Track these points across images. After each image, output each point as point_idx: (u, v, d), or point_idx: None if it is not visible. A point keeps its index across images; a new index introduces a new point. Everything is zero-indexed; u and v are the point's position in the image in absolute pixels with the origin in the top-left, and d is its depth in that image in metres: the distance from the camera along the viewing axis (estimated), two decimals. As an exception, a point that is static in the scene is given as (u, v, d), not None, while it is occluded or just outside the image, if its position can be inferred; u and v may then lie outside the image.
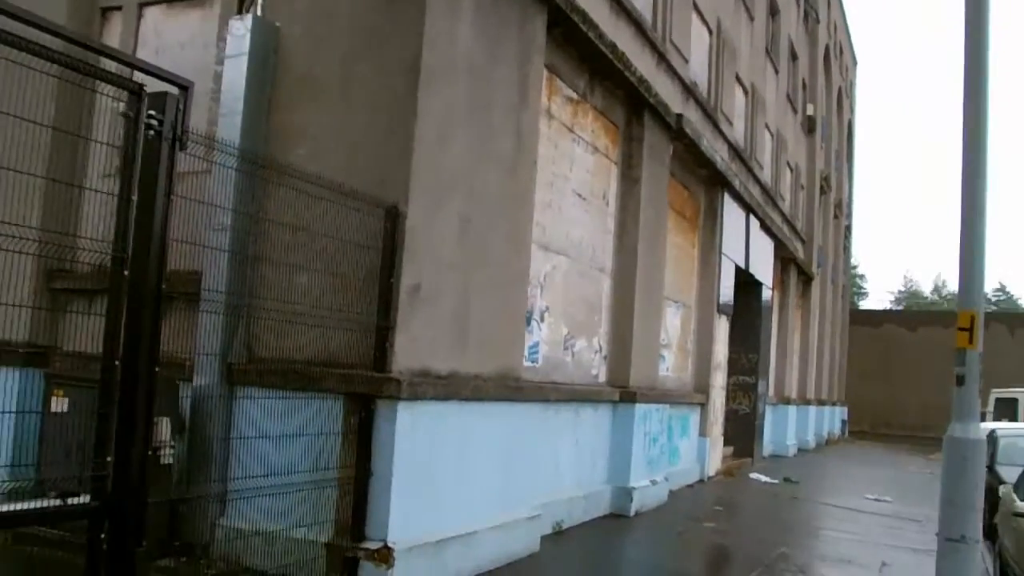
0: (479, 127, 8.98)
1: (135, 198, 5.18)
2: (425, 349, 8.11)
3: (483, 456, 8.85)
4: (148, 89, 5.25)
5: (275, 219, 7.34)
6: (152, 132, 5.28)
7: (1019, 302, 79.48)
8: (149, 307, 5.25)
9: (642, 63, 14.03)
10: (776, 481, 19.94)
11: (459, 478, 8.40)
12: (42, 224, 6.73)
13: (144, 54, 9.22)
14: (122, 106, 5.22)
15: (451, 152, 8.45)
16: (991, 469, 15.47)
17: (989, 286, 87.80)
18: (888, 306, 76.56)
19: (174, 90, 5.40)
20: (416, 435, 7.70)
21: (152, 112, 5.27)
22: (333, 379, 7.55)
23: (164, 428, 7.40)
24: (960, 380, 7.11)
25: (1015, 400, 29.23)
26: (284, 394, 7.51)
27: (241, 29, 8.22)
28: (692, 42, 17.85)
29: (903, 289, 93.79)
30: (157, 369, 5.30)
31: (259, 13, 8.49)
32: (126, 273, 5.13)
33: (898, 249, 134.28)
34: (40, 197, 7.31)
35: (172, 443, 7.46)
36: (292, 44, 8.43)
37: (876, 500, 18.37)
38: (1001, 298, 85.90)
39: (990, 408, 29.80)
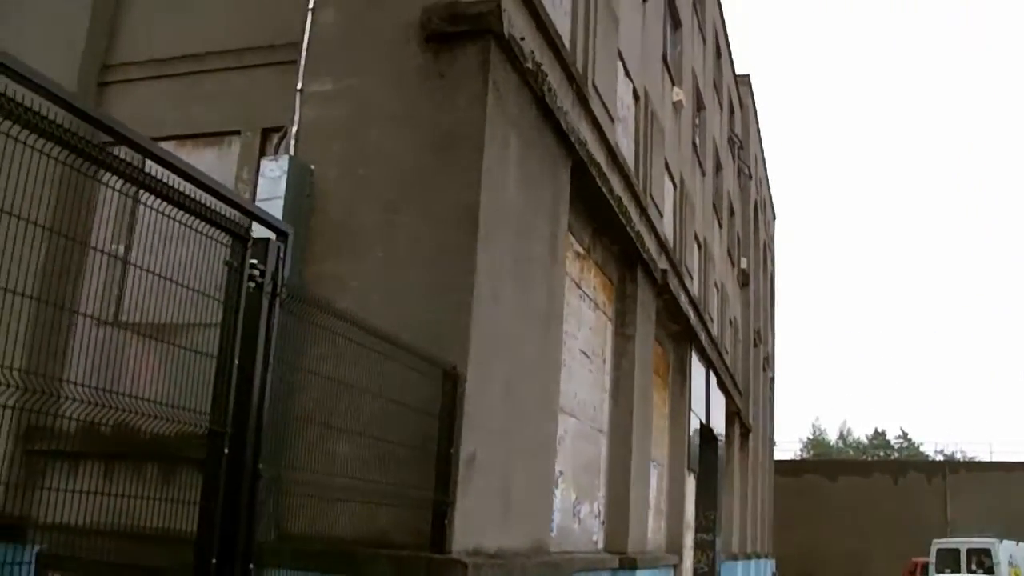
0: (522, 282, 8.41)
1: (237, 361, 4.39)
2: (478, 525, 7.27)
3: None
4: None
5: (320, 372, 6.45)
6: (253, 284, 4.55)
7: (921, 447, 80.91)
8: (246, 493, 4.39)
9: (633, 217, 13.76)
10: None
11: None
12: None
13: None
14: (227, 253, 4.48)
15: (502, 310, 7.81)
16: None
17: (892, 433, 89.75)
18: (798, 454, 76.83)
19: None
20: (477, 628, 6.77)
21: (255, 262, 4.55)
22: (383, 562, 6.60)
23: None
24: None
25: (957, 551, 29.03)
26: (324, 581, 6.53)
27: (276, 171, 7.54)
28: (664, 197, 17.80)
29: (811, 437, 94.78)
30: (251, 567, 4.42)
31: (292, 153, 7.85)
32: (227, 451, 4.29)
33: (802, 397, 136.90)
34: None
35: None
36: (328, 188, 7.75)
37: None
38: (904, 444, 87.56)
39: (932, 560, 29.56)
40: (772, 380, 46.18)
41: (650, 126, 16.35)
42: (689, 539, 18.85)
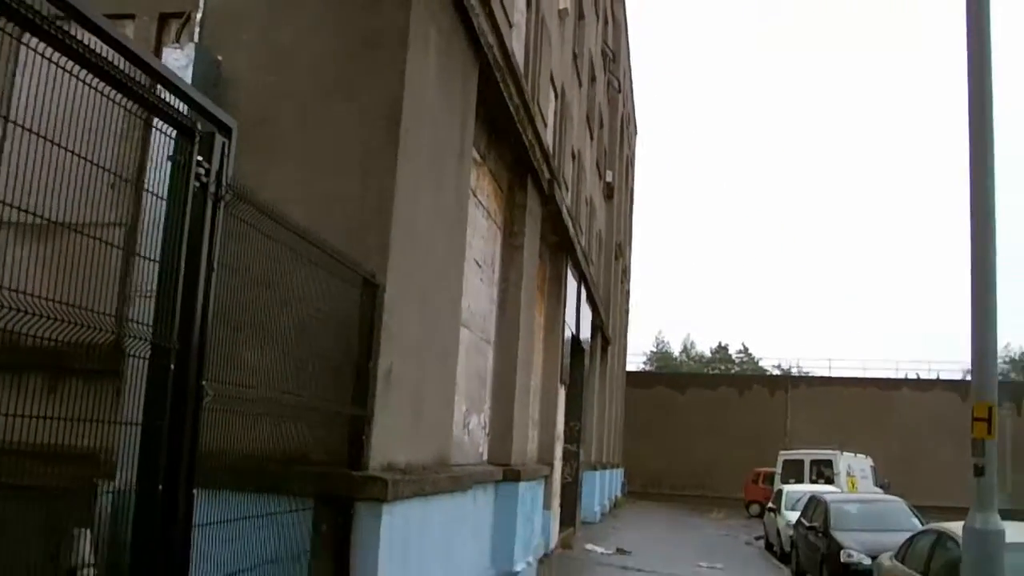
0: (435, 187, 8.07)
1: (183, 269, 3.98)
2: (392, 440, 7.03)
3: (433, 560, 7.82)
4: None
5: (256, 280, 5.99)
6: (198, 184, 4.12)
7: (761, 363, 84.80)
8: (191, 414, 4.03)
9: (527, 125, 13.48)
10: (611, 552, 19.67)
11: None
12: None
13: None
14: (170, 146, 4.02)
15: (419, 216, 7.49)
16: (826, 533, 15.92)
17: (734, 348, 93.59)
18: (642, 367, 79.34)
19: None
20: (394, 545, 6.60)
21: (200, 159, 4.11)
22: (301, 479, 6.28)
23: (84, 544, 5.90)
24: (979, 471, 6.90)
25: (801, 461, 30.64)
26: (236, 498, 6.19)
27: (182, 59, 6.90)
28: (548, 107, 17.56)
29: (655, 350, 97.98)
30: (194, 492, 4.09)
31: (196, 41, 7.23)
32: (172, 368, 3.90)
33: (648, 310, 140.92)
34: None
35: (93, 562, 5.97)
36: (239, 81, 7.18)
37: (710, 568, 18.46)
38: (744, 359, 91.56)
39: (778, 470, 31.13)
40: (628, 293, 47.23)
41: (540, 34, 16.01)
42: (559, 450, 19.14)
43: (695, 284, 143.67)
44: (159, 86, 3.83)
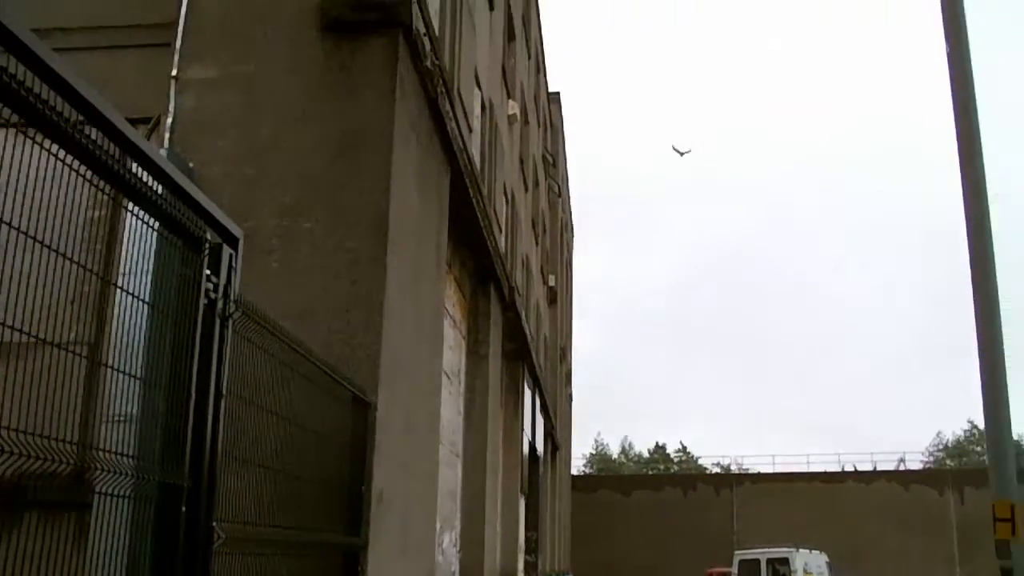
0: (417, 297, 7.72)
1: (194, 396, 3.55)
2: (383, 566, 6.51)
3: None
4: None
5: (259, 403, 5.51)
6: (206, 301, 3.72)
7: (700, 461, 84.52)
8: (201, 561, 3.55)
9: (491, 232, 13.28)
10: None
11: None
12: None
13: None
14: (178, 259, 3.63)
15: (403, 328, 7.10)
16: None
17: (672, 447, 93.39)
18: (583, 469, 78.57)
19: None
20: None
21: (208, 273, 3.72)
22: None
23: None
24: (1007, 574, 6.58)
25: (757, 561, 30.13)
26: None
27: (153, 167, 6.52)
28: (501, 212, 17.43)
29: (594, 452, 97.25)
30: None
31: (166, 147, 6.85)
32: (184, 510, 3.43)
33: (584, 411, 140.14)
34: None
35: None
36: (212, 190, 6.77)
37: None
38: (684, 458, 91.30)
39: (734, 570, 30.56)
40: (571, 396, 46.88)
41: (494, 139, 15.94)
42: (520, 562, 18.47)
43: (632, 384, 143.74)
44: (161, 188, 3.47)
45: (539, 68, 27.74)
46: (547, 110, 32.38)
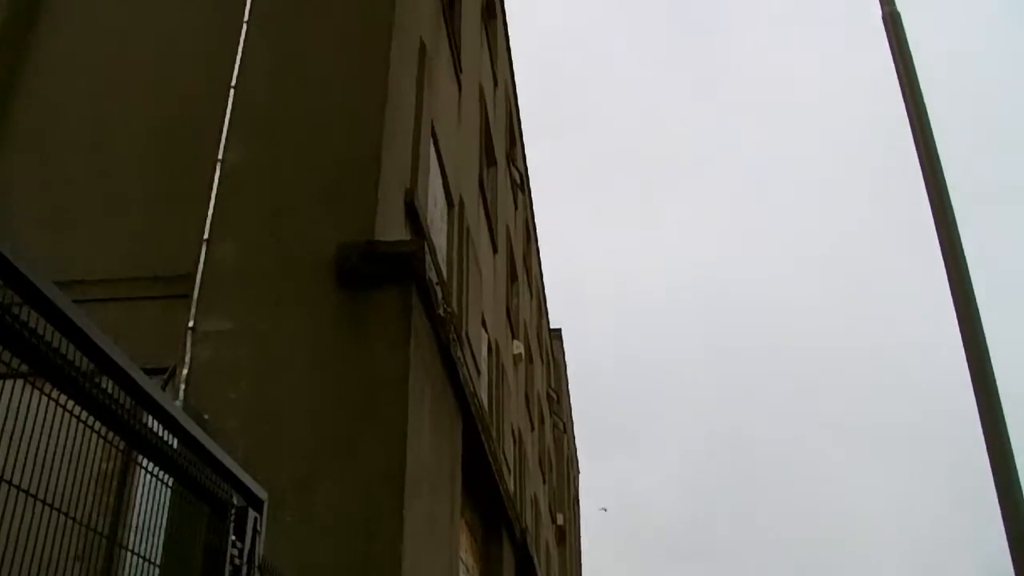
0: (431, 551, 7.42)
1: None
2: None
3: None
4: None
5: None
6: (231, 568, 3.53)
7: None
8: None
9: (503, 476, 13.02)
10: None
11: None
12: None
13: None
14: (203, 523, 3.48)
15: (420, 583, 6.79)
16: None
17: None
18: None
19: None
20: None
21: (234, 538, 3.56)
22: None
23: None
24: None
25: None
26: None
27: (166, 423, 6.43)
28: (508, 452, 17.19)
29: None
30: None
31: (182, 399, 6.78)
32: None
33: None
34: None
35: None
36: (227, 442, 6.65)
37: None
38: None
39: None
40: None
41: (501, 380, 15.95)
42: None
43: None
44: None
45: (540, 306, 28.20)
46: (549, 347, 32.66)
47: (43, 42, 8.76)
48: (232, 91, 7.96)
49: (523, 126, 22.70)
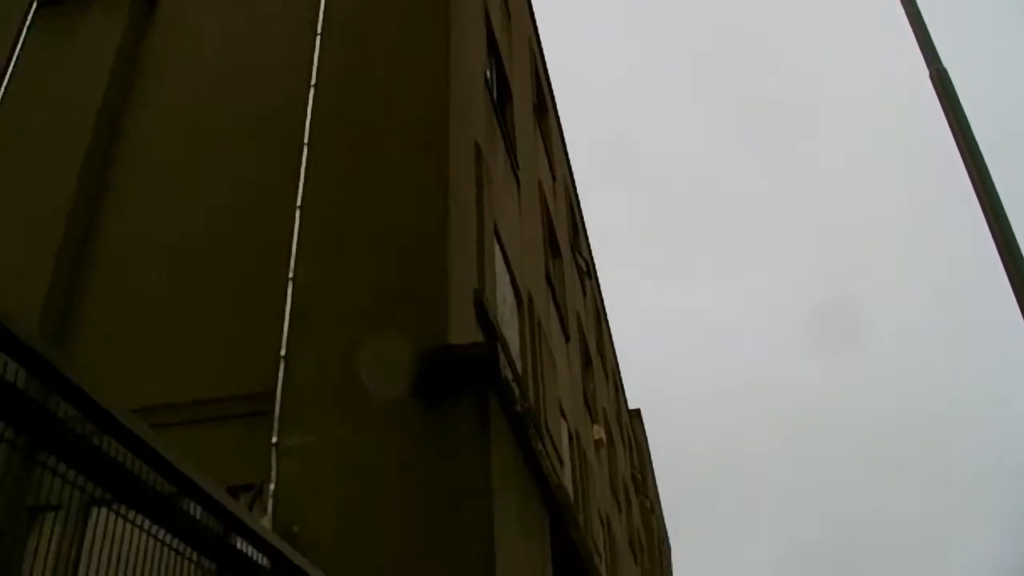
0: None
1: None
2: None
3: None
4: None
5: None
6: None
7: None
8: None
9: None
10: None
11: None
12: None
13: None
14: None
15: None
16: None
17: None
18: None
19: None
20: None
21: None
22: None
23: None
24: None
25: None
26: None
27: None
28: (598, 540, 16.97)
29: None
30: None
31: (271, 514, 6.87)
32: None
33: None
34: None
35: None
36: (318, 556, 6.70)
37: None
38: None
39: None
40: None
41: (584, 467, 15.83)
42: None
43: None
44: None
45: (617, 388, 28.04)
46: (630, 427, 32.36)
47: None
48: (298, 212, 8.22)
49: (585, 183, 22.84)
